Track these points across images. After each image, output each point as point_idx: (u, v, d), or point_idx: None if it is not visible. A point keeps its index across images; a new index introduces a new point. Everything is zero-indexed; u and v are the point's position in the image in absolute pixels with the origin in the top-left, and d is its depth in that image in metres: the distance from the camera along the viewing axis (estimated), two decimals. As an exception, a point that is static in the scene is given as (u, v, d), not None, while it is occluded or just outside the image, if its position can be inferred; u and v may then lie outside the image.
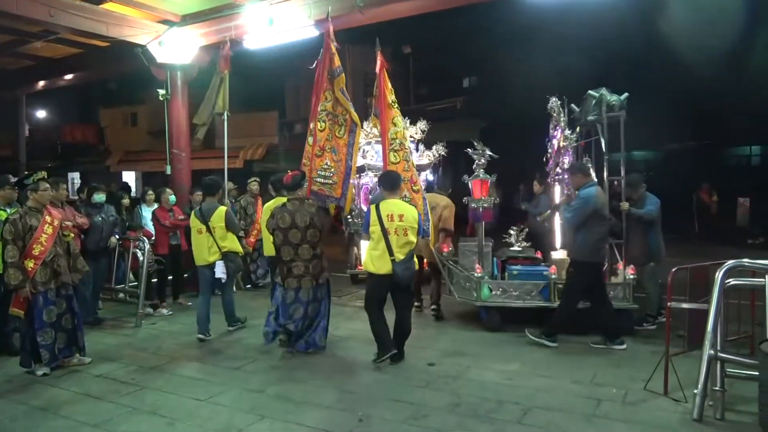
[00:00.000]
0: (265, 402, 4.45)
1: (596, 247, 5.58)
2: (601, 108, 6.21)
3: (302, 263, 5.51)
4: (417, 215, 5.26)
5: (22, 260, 4.95)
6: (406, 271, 5.09)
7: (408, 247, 5.12)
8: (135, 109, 24.37)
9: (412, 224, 5.13)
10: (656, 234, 6.18)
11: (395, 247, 5.05)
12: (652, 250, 6.19)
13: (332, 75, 6.02)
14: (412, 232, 5.13)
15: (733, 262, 3.98)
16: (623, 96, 6.28)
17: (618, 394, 4.37)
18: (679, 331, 4.63)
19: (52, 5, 7.51)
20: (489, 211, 6.48)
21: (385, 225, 5.08)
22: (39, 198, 5.17)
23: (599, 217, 5.56)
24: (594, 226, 5.53)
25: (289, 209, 5.52)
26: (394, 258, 5.04)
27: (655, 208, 6.14)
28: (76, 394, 4.72)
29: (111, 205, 7.42)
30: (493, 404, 4.25)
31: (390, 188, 5.29)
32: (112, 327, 6.95)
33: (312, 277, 5.54)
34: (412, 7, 7.55)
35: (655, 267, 6.22)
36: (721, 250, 10.04)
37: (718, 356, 3.87)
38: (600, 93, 6.28)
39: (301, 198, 5.60)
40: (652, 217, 6.11)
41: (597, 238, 5.56)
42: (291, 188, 5.61)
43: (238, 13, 8.33)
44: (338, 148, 6.03)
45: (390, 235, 5.07)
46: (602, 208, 5.62)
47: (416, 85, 21.24)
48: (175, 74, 9.26)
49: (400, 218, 5.10)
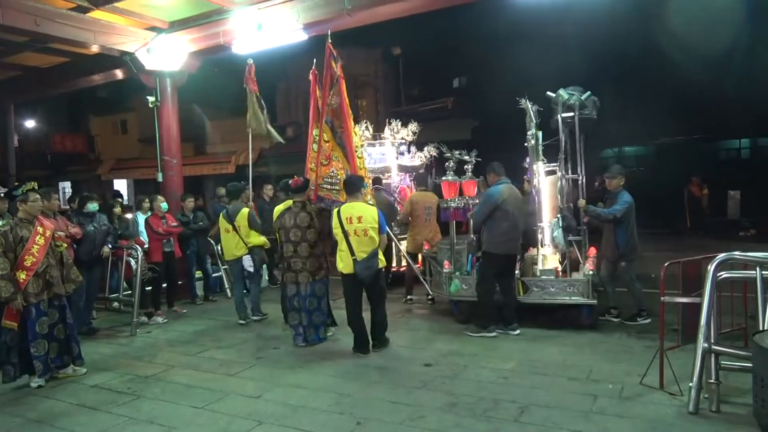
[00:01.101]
0: (262, 407, 4.44)
1: (499, 240, 5.94)
2: (559, 108, 6.35)
3: (300, 260, 5.90)
4: (377, 215, 5.52)
5: (13, 272, 4.91)
6: (366, 270, 5.40)
7: (370, 246, 5.43)
8: (125, 117, 24.25)
9: (372, 224, 5.44)
10: (625, 232, 6.18)
11: (356, 247, 5.40)
12: (620, 248, 6.21)
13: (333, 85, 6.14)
14: (373, 231, 5.43)
15: (725, 255, 4.01)
16: (585, 95, 6.38)
17: (614, 389, 4.39)
18: (673, 325, 4.66)
19: (38, 14, 7.47)
20: (458, 210, 6.74)
21: (345, 227, 5.42)
22: (29, 209, 5.14)
23: (502, 212, 5.92)
24: (498, 220, 5.92)
25: (293, 210, 5.98)
26: (356, 257, 5.39)
27: (620, 208, 6.13)
28: (71, 405, 4.69)
29: (103, 214, 7.39)
30: (490, 403, 4.26)
31: (352, 192, 5.63)
32: (106, 336, 6.91)
33: (309, 273, 5.90)
34: (399, 9, 7.56)
35: (628, 266, 6.25)
36: (712, 243, 10.10)
37: (712, 349, 3.89)
38: (557, 93, 6.42)
39: (304, 201, 6.01)
40: (608, 217, 6.18)
41: (500, 231, 5.93)
42: (296, 192, 6.06)
43: (227, 18, 8.32)
44: (342, 157, 6.26)
45: (350, 236, 5.41)
46: (504, 205, 5.92)
47: (406, 85, 21.26)
48: (164, 81, 9.24)
49: (359, 220, 5.42)
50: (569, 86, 6.59)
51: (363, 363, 5.36)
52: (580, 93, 6.44)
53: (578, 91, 6.46)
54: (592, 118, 6.48)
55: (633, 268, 6.28)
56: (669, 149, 18.79)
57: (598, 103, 6.62)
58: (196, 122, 20.35)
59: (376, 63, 20.65)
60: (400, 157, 9.15)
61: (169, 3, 8.17)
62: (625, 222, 6.15)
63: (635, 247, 6.27)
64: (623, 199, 6.21)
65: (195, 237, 8.47)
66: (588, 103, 6.39)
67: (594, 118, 6.51)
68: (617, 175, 6.42)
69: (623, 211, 6.10)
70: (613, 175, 6.43)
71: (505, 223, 5.93)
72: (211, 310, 8.16)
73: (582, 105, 6.35)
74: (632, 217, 6.21)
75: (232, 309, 7.29)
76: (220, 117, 21.75)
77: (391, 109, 21.00)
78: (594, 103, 6.52)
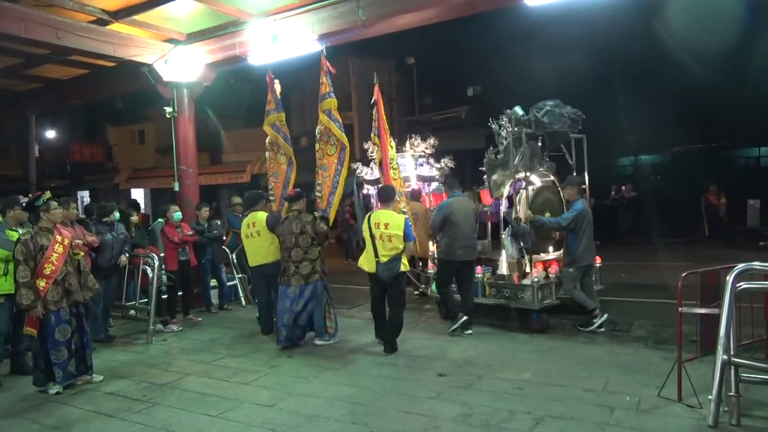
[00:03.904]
0: (275, 416, 4.44)
1: (448, 249, 6.52)
2: (512, 125, 6.86)
3: (293, 264, 6.26)
4: (404, 224, 5.91)
5: (33, 280, 5.00)
6: (386, 271, 5.87)
7: (394, 251, 5.86)
8: (142, 127, 24.65)
9: (396, 232, 5.85)
10: (575, 240, 6.43)
11: (380, 251, 5.86)
12: (571, 255, 6.50)
13: (321, 99, 6.85)
14: (397, 238, 5.85)
15: (744, 265, 3.95)
16: (542, 112, 6.73)
17: (631, 401, 4.33)
18: (691, 336, 4.59)
19: (59, 28, 7.63)
20: None
21: (373, 231, 5.92)
22: (51, 217, 5.24)
23: (449, 223, 6.49)
24: (447, 230, 6.51)
25: (290, 218, 6.42)
26: (379, 259, 5.87)
27: (567, 217, 6.42)
28: (88, 412, 4.74)
29: (121, 223, 7.49)
30: (505, 414, 4.22)
31: (384, 199, 6.22)
32: (123, 344, 6.98)
33: (301, 277, 6.23)
34: (413, 20, 7.60)
35: (574, 272, 6.45)
36: (731, 253, 9.94)
37: (732, 361, 3.83)
38: (513, 110, 6.94)
39: (299, 210, 6.43)
40: (553, 225, 6.58)
41: (448, 241, 6.52)
42: (291, 201, 6.55)
43: (242, 30, 8.43)
44: (329, 166, 6.80)
45: (376, 239, 5.89)
46: (452, 216, 6.48)
47: (420, 95, 21.33)
48: (181, 92, 9.36)
49: (386, 226, 5.88)
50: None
51: (377, 373, 5.35)
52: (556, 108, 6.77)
53: (558, 106, 6.80)
54: (561, 131, 6.81)
55: (577, 273, 6.45)
56: (686, 157, 18.58)
57: (574, 115, 6.89)
58: (211, 132, 20.60)
59: (390, 73, 20.78)
60: (419, 168, 9.28)
61: (187, 15, 8.30)
62: (577, 230, 6.40)
63: (588, 255, 6.46)
64: (574, 207, 6.49)
65: (210, 245, 8.54)
66: (551, 117, 6.71)
67: (564, 131, 6.84)
68: (568, 185, 6.75)
69: (570, 220, 6.39)
70: (568, 185, 6.76)
71: (451, 232, 6.49)
72: (226, 319, 8.21)
73: (529, 123, 6.78)
74: (584, 225, 6.41)
75: (246, 317, 7.34)
76: (236, 126, 22.01)
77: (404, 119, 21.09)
78: (558, 116, 6.74)
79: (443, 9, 7.27)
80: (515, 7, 7.75)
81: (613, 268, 9.40)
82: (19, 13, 7.23)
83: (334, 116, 6.77)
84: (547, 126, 6.73)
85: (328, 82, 6.84)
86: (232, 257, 8.95)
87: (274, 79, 7.41)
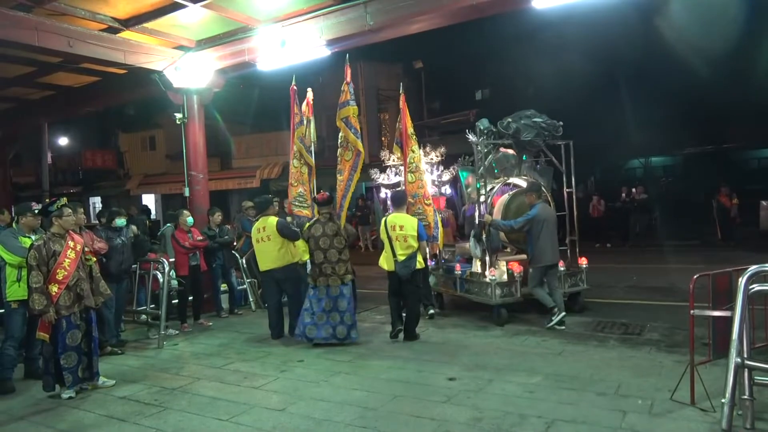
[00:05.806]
0: (286, 421, 4.45)
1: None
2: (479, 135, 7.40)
3: (329, 265, 6.48)
4: (416, 225, 6.46)
5: (46, 285, 5.06)
6: (404, 268, 6.36)
7: (410, 250, 6.37)
8: (153, 133, 24.88)
9: (411, 233, 6.38)
10: (532, 241, 6.81)
11: (398, 251, 6.39)
12: (528, 256, 6.98)
13: (340, 107, 7.14)
14: (411, 238, 6.38)
15: (757, 267, 3.90)
16: (505, 123, 7.41)
17: (644, 405, 4.29)
18: (704, 339, 4.54)
19: (71, 36, 7.73)
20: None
21: (390, 234, 6.43)
22: (63, 223, 5.29)
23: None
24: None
25: (321, 221, 6.60)
26: (397, 259, 6.38)
27: (520, 220, 6.88)
28: (100, 416, 4.77)
29: (132, 227, 7.53)
30: (516, 418, 4.20)
31: (397, 204, 6.71)
32: (134, 349, 7.02)
33: (338, 277, 6.49)
34: (421, 25, 7.62)
35: (534, 272, 6.84)
36: (744, 255, 9.83)
37: (745, 364, 3.78)
38: (480, 121, 7.59)
39: (329, 212, 6.65)
40: (505, 228, 7.08)
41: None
42: (322, 205, 6.68)
43: (251, 36, 8.50)
44: (344, 170, 7.15)
45: (393, 241, 6.41)
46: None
47: (429, 99, 21.35)
48: (191, 98, 9.44)
49: (401, 228, 6.40)
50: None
51: (387, 377, 5.34)
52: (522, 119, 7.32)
53: (530, 117, 7.35)
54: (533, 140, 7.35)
55: (538, 273, 6.81)
56: (697, 159, 18.43)
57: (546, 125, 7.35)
58: (221, 137, 20.75)
59: (398, 77, 20.80)
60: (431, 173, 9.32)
61: (196, 22, 8.38)
62: (532, 232, 6.80)
63: (545, 256, 6.76)
64: (529, 212, 6.89)
65: (221, 250, 8.59)
66: (524, 129, 7.28)
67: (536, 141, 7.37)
68: (528, 191, 7.17)
69: (522, 223, 6.84)
70: (527, 191, 7.20)
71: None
72: (236, 323, 8.24)
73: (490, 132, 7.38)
74: (540, 228, 6.74)
75: (256, 322, 7.36)
76: (245, 132, 22.15)
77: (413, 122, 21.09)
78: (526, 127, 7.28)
79: (450, 13, 7.28)
80: (523, 9, 7.74)
81: (624, 270, 9.36)
82: (32, 22, 7.34)
83: (351, 124, 7.05)
84: (510, 137, 7.34)
85: (349, 90, 7.09)
86: (242, 262, 8.99)
87: (296, 92, 7.75)
